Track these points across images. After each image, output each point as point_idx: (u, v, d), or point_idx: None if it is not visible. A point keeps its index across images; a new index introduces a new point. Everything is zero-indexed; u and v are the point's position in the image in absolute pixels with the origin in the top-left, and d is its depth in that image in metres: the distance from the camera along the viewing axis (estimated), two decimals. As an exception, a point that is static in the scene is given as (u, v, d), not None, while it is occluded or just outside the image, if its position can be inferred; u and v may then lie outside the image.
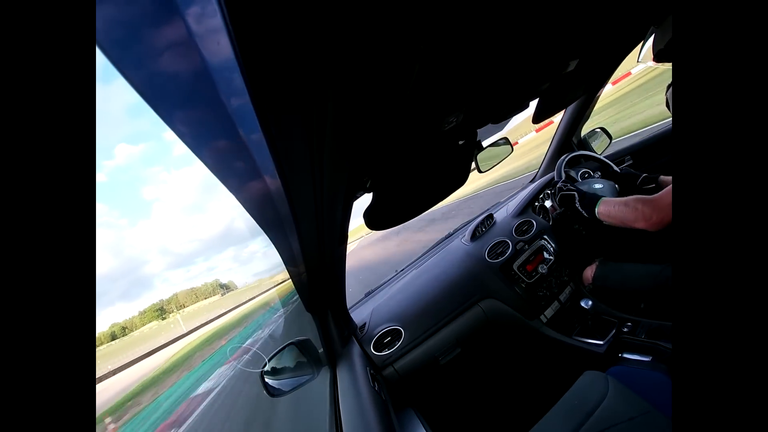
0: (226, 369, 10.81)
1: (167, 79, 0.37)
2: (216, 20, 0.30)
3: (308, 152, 0.51)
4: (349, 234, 1.12)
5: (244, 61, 0.33)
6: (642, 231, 1.22)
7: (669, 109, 1.30)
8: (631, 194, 1.68)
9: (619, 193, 1.68)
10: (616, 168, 1.83)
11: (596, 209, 1.39)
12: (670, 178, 1.58)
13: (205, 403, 7.92)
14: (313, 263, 0.99)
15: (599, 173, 1.83)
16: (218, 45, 0.33)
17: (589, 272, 1.68)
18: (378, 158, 0.87)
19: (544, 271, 1.73)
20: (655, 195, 1.17)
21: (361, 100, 0.56)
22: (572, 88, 1.47)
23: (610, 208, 1.33)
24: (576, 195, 1.51)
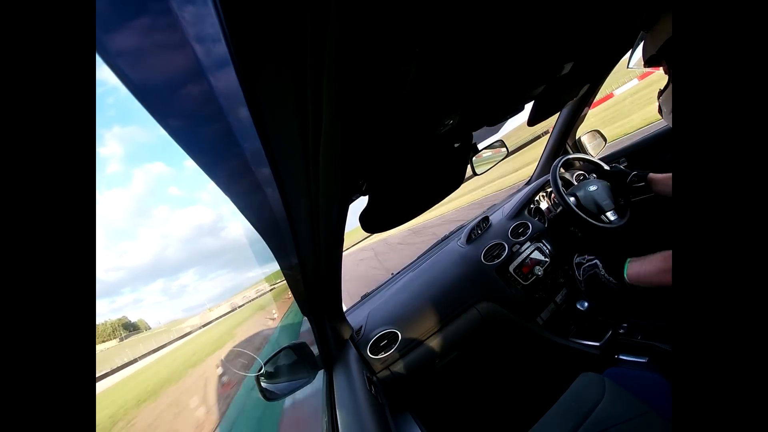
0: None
1: (169, 90, 0.37)
2: (213, 28, 0.30)
3: (304, 154, 0.51)
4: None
5: (240, 64, 0.33)
6: (638, 235, 1.21)
7: (661, 114, 1.31)
8: (623, 193, 1.69)
9: (612, 192, 1.70)
10: (606, 167, 1.84)
11: (625, 275, 1.23)
12: (659, 175, 1.60)
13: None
14: (309, 266, 0.98)
15: (594, 175, 1.84)
16: (214, 49, 0.33)
17: None
18: (373, 161, 0.87)
19: (539, 274, 1.73)
20: None
21: (357, 102, 0.56)
22: (567, 91, 1.48)
23: (640, 270, 1.19)
24: (598, 266, 1.35)
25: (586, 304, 1.61)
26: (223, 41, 0.31)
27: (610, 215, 1.66)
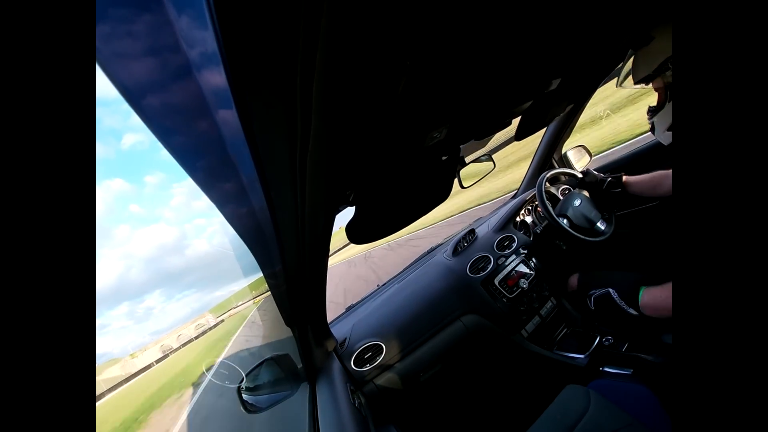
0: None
1: (159, 94, 0.36)
2: (206, 33, 0.29)
3: (291, 163, 0.50)
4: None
5: (231, 68, 0.33)
6: (626, 248, 1.23)
7: (653, 132, 1.33)
8: (600, 200, 1.74)
9: (594, 201, 1.74)
10: (579, 174, 1.87)
11: (639, 303, 1.19)
12: (633, 178, 1.64)
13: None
14: (294, 276, 0.97)
15: (578, 189, 1.87)
16: (206, 53, 0.32)
17: (575, 278, 1.70)
18: (361, 172, 0.87)
19: (524, 286, 1.74)
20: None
21: (346, 112, 0.56)
22: (554, 106, 1.50)
23: (656, 300, 1.15)
24: (612, 294, 1.30)
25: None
26: (214, 41, 0.30)
27: (600, 225, 1.70)
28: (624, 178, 1.65)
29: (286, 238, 0.73)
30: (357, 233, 1.09)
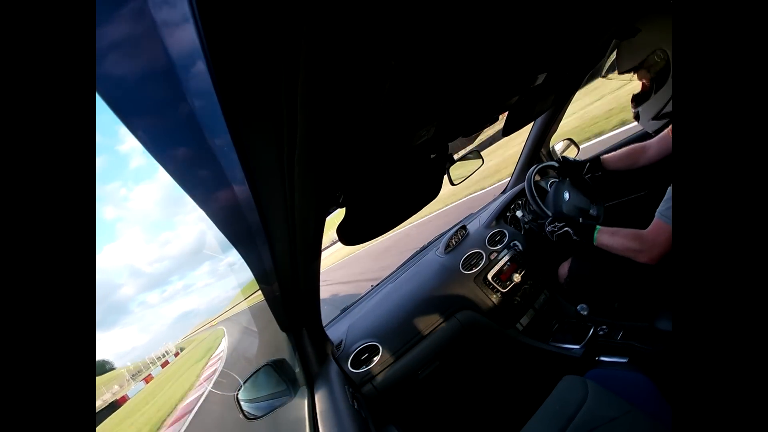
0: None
1: (131, 83, 0.36)
2: (185, 18, 0.29)
3: (279, 166, 0.50)
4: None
5: (216, 71, 0.33)
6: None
7: (637, 120, 1.35)
8: (581, 184, 1.75)
9: (578, 187, 1.75)
10: (555, 164, 1.87)
11: (594, 239, 1.41)
12: (609, 156, 1.66)
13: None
14: (287, 280, 0.97)
15: (560, 177, 1.88)
16: (187, 46, 0.32)
17: (565, 267, 1.71)
18: (350, 173, 0.86)
19: (517, 280, 1.75)
20: (649, 230, 1.21)
21: (333, 114, 0.55)
22: (541, 101, 1.51)
23: (610, 240, 1.37)
24: (570, 231, 1.51)
25: (586, 306, 1.62)
26: (197, 38, 0.30)
27: (593, 211, 1.72)
28: (602, 158, 1.68)
29: (278, 242, 0.73)
30: (348, 235, 1.08)
